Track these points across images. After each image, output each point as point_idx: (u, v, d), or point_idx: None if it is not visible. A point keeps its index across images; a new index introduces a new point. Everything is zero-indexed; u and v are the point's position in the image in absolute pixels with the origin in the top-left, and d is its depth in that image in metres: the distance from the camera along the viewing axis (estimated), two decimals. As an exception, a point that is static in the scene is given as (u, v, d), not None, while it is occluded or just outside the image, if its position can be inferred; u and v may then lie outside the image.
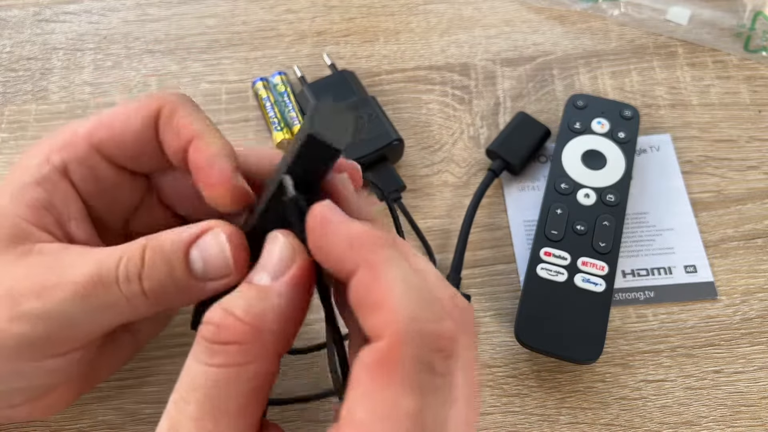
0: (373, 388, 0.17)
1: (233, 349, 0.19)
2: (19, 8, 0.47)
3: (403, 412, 0.17)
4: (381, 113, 0.40)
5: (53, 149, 0.25)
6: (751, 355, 0.34)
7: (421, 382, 0.17)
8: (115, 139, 0.25)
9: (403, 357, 0.17)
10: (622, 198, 0.37)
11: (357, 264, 0.19)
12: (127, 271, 0.22)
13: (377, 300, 0.18)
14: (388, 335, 0.17)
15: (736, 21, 0.44)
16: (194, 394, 0.19)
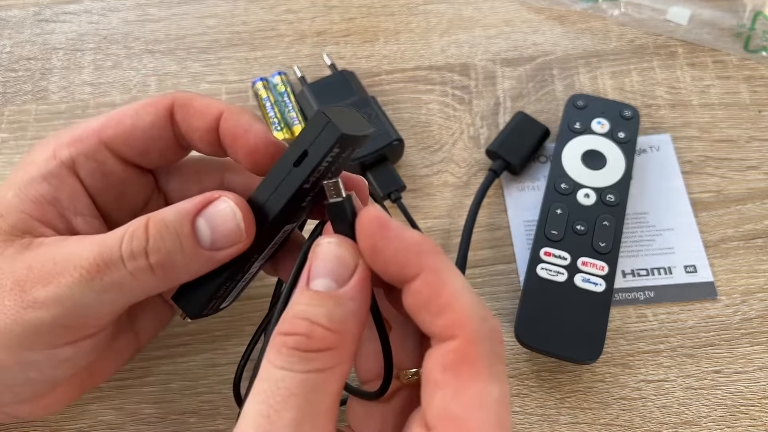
0: (462, 384, 0.19)
1: (327, 355, 0.20)
2: (19, 8, 0.47)
3: (494, 399, 0.19)
4: (381, 113, 0.40)
5: (61, 144, 0.25)
6: (751, 355, 0.34)
7: (498, 370, 0.20)
8: (124, 134, 0.26)
9: (481, 353, 0.19)
10: (622, 198, 0.37)
11: (420, 268, 0.20)
12: (132, 247, 0.22)
13: (446, 302, 0.20)
14: (464, 335, 0.19)
15: (736, 21, 0.44)
16: (293, 401, 0.19)
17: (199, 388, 0.34)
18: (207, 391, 0.34)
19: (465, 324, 0.20)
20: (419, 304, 0.20)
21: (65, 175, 0.25)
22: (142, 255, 0.22)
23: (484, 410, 0.19)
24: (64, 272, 0.22)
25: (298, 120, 0.41)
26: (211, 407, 0.33)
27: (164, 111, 0.26)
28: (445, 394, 0.19)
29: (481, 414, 0.19)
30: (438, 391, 0.19)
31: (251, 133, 0.25)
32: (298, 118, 0.41)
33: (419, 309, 0.20)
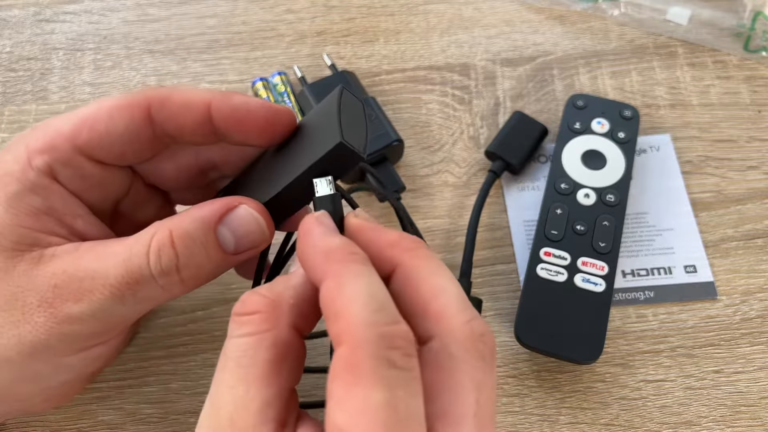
0: (345, 391, 0.18)
1: (255, 318, 0.21)
2: (19, 8, 0.47)
3: (375, 404, 0.18)
4: (381, 114, 0.40)
5: (33, 151, 0.25)
6: (751, 355, 0.34)
7: (384, 375, 0.18)
8: (99, 140, 0.25)
9: (363, 357, 0.18)
10: (622, 198, 0.37)
11: (325, 275, 0.20)
12: (162, 265, 0.23)
13: (338, 310, 0.19)
14: (348, 341, 0.19)
15: (736, 21, 0.44)
16: (228, 365, 0.21)
17: (199, 388, 0.34)
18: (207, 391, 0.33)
19: (350, 330, 0.19)
20: (323, 309, 0.20)
21: (49, 183, 0.25)
22: (174, 272, 0.23)
23: (366, 415, 0.18)
24: (94, 290, 0.23)
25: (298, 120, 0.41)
26: (211, 407, 0.33)
27: (140, 113, 0.25)
28: (331, 404, 0.19)
29: (363, 420, 0.18)
30: (328, 403, 0.19)
31: (254, 112, 0.25)
32: (297, 117, 0.41)
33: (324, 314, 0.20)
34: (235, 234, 0.24)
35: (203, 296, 0.36)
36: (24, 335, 0.23)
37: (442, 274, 0.21)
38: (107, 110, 0.25)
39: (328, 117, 0.23)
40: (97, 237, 0.26)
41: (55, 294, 0.23)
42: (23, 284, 0.23)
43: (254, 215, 0.24)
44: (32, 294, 0.23)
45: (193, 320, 0.36)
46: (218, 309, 0.36)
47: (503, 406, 0.33)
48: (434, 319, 0.20)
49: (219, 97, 0.25)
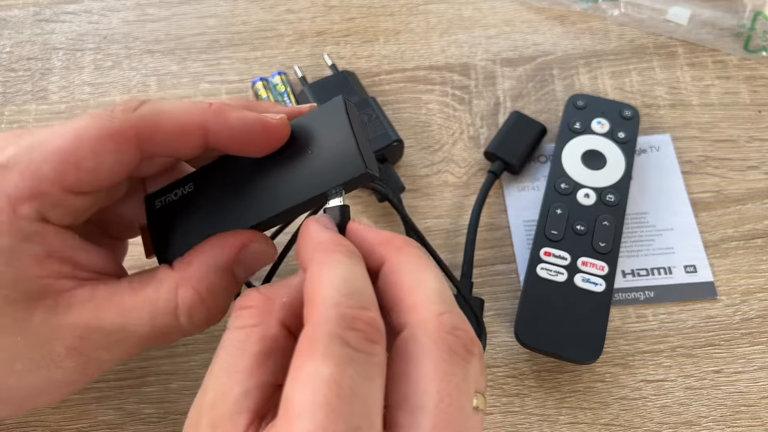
0: (297, 366, 0.19)
1: (247, 312, 0.22)
2: (19, 8, 0.47)
3: (320, 378, 0.18)
4: (381, 114, 0.39)
5: (18, 200, 0.23)
6: (751, 355, 0.34)
7: (336, 352, 0.19)
8: (88, 179, 0.23)
9: (319, 334, 0.19)
10: (622, 198, 0.37)
11: (310, 262, 0.22)
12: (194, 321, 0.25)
13: (312, 294, 0.20)
14: (311, 320, 0.20)
15: (736, 21, 0.44)
16: (219, 354, 0.22)
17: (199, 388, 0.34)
18: (207, 391, 0.34)
19: (316, 310, 0.20)
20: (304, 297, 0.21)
21: (42, 228, 0.23)
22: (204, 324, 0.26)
23: (309, 387, 0.18)
24: (123, 342, 0.25)
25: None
26: (211, 407, 0.33)
27: (128, 146, 0.24)
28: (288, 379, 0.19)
29: (306, 391, 0.18)
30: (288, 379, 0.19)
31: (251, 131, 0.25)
32: (298, 118, 0.41)
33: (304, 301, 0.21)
34: (248, 268, 0.26)
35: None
36: (56, 378, 0.24)
37: (425, 270, 0.22)
38: (91, 145, 0.23)
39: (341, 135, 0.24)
40: (100, 265, 0.26)
41: (83, 344, 0.24)
42: (45, 334, 0.23)
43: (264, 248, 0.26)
44: (58, 344, 0.24)
45: (193, 320, 0.36)
46: (218, 309, 0.36)
47: (503, 406, 0.33)
48: (407, 310, 0.21)
49: (214, 119, 0.24)
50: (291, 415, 0.18)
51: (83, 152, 0.23)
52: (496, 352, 0.35)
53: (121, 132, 0.23)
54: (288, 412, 0.18)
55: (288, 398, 0.18)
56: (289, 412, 0.18)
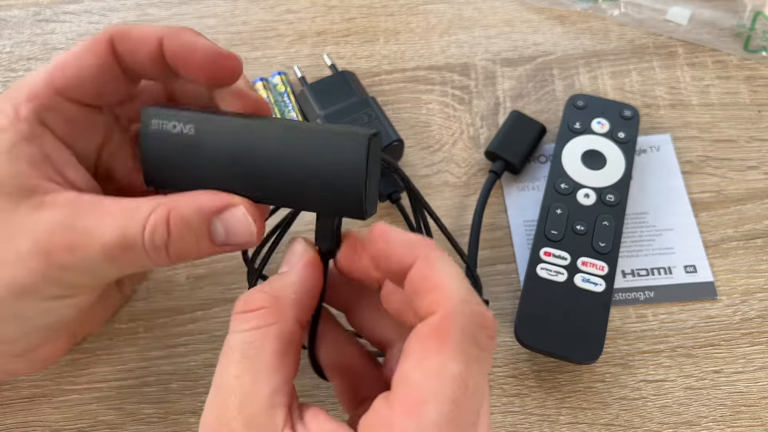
0: (426, 353, 0.20)
1: (261, 313, 0.23)
2: (19, 8, 0.47)
3: (451, 374, 0.19)
4: (381, 114, 0.39)
5: (18, 103, 0.26)
6: (751, 355, 0.34)
7: (466, 350, 0.20)
8: (74, 81, 0.26)
9: (453, 327, 0.20)
10: (622, 198, 0.37)
11: (415, 257, 0.22)
12: (154, 240, 0.25)
13: (433, 284, 0.21)
14: (442, 310, 0.20)
15: (736, 21, 0.44)
16: (232, 356, 0.22)
17: (199, 388, 0.34)
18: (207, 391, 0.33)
19: (444, 300, 0.21)
20: (413, 289, 0.22)
21: (42, 132, 0.26)
22: (162, 249, 0.25)
23: (440, 380, 0.19)
24: (87, 245, 0.24)
25: (298, 120, 0.41)
26: (211, 407, 0.33)
27: (105, 49, 0.26)
28: (408, 361, 0.20)
29: (435, 383, 0.19)
30: (404, 360, 0.20)
31: (198, 52, 0.26)
32: (297, 118, 0.41)
33: (413, 293, 0.22)
34: (227, 230, 0.25)
35: (203, 296, 0.36)
36: (16, 276, 0.25)
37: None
38: (75, 53, 0.26)
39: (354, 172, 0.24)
40: (86, 187, 0.27)
41: (50, 242, 0.24)
42: (20, 227, 0.25)
43: (249, 220, 0.25)
44: (28, 238, 0.24)
45: (193, 320, 0.36)
46: (218, 309, 0.36)
47: (503, 406, 0.33)
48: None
49: (171, 33, 0.26)
50: (416, 401, 0.19)
51: (68, 59, 0.26)
52: (496, 352, 0.35)
53: (97, 38, 0.26)
54: (412, 396, 0.19)
55: (414, 383, 0.20)
56: (414, 397, 0.19)
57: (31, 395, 0.34)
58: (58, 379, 0.34)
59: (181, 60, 0.26)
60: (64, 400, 0.34)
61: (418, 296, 0.22)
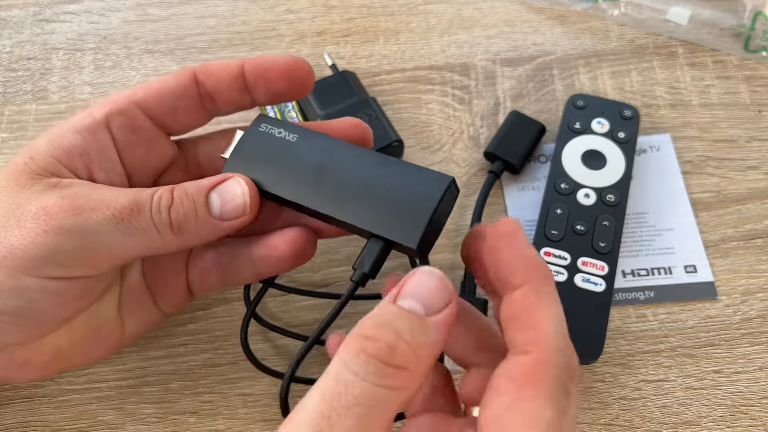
0: (521, 397, 0.20)
1: (404, 375, 0.20)
2: (19, 8, 0.47)
3: (545, 422, 0.19)
4: (381, 114, 0.39)
5: (97, 106, 0.28)
6: (751, 355, 0.34)
7: (559, 400, 0.20)
8: (154, 94, 0.29)
9: (548, 375, 0.20)
10: (622, 198, 0.37)
11: (525, 281, 0.21)
12: (160, 203, 0.26)
13: (534, 321, 0.21)
14: (538, 353, 0.20)
15: (736, 21, 0.44)
16: (356, 410, 0.19)
17: (199, 388, 0.34)
18: (207, 391, 0.34)
19: (542, 344, 0.20)
20: (512, 313, 0.21)
21: (98, 130, 0.28)
22: (166, 211, 0.26)
23: (531, 424, 0.19)
24: (97, 209, 0.25)
25: (298, 120, 0.41)
26: (211, 407, 0.33)
27: (188, 75, 0.29)
28: (501, 402, 0.20)
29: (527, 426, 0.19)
30: (496, 398, 0.20)
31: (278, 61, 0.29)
32: (297, 118, 0.41)
33: (510, 318, 0.21)
34: (222, 200, 0.27)
35: (203, 296, 0.36)
36: (9, 238, 0.24)
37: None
38: (161, 77, 0.29)
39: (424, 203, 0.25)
40: None
41: (57, 205, 0.25)
42: (32, 198, 0.25)
43: (242, 187, 0.27)
44: (35, 204, 0.25)
45: (193, 320, 0.36)
46: (218, 309, 0.36)
47: (503, 406, 0.33)
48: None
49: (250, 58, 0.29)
50: None
51: (154, 80, 0.29)
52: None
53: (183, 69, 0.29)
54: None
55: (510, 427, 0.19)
56: None
57: (31, 395, 0.34)
58: (58, 379, 0.34)
59: (261, 72, 0.29)
60: (64, 400, 0.34)
61: (515, 326, 0.21)
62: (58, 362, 0.29)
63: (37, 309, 0.26)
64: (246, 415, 0.33)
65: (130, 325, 0.31)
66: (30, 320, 0.26)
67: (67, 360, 0.30)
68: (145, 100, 0.29)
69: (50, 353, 0.29)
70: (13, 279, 0.25)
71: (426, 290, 0.22)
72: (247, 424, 0.33)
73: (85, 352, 0.30)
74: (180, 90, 0.29)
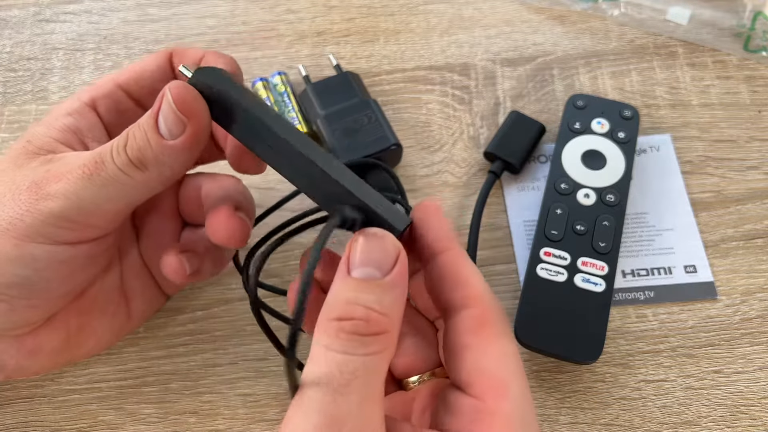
0: (487, 343, 0.23)
1: (384, 337, 0.22)
2: (19, 8, 0.47)
3: (512, 352, 0.23)
4: (381, 117, 0.39)
5: (84, 90, 0.30)
6: (751, 355, 0.34)
7: (508, 333, 0.23)
8: (135, 76, 0.31)
9: (497, 319, 0.23)
10: (622, 198, 0.37)
11: (449, 246, 0.24)
12: (117, 146, 0.26)
13: (465, 278, 0.24)
14: (482, 305, 0.23)
15: (736, 21, 0.44)
16: (356, 383, 0.20)
17: (199, 388, 0.34)
18: (207, 391, 0.34)
19: (482, 296, 0.23)
20: (442, 274, 0.24)
21: (86, 111, 0.30)
22: (123, 151, 0.26)
23: (509, 362, 0.22)
24: (71, 170, 0.26)
25: (298, 120, 0.41)
26: (211, 407, 0.33)
27: (165, 57, 0.31)
28: (473, 353, 0.23)
29: (506, 365, 0.22)
30: (467, 352, 0.23)
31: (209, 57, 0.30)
32: (297, 118, 0.41)
33: (441, 279, 0.24)
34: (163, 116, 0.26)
35: (203, 296, 0.36)
36: (7, 212, 0.26)
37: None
38: (141, 59, 0.31)
39: None
40: None
41: (44, 177, 0.26)
42: (28, 174, 0.27)
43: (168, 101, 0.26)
44: (29, 178, 0.26)
45: (193, 320, 0.36)
46: (218, 309, 0.36)
47: (503, 406, 0.33)
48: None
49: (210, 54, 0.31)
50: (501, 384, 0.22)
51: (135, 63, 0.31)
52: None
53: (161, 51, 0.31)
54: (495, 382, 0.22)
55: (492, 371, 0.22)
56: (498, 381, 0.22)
57: (31, 395, 0.34)
58: (59, 379, 0.34)
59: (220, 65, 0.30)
60: (65, 400, 0.34)
61: (449, 286, 0.24)
62: (68, 349, 0.30)
63: (45, 278, 0.27)
64: (246, 415, 0.33)
65: (135, 305, 0.33)
66: (39, 292, 0.27)
67: (78, 346, 0.31)
68: (128, 81, 0.31)
69: (60, 339, 0.30)
70: (18, 248, 0.26)
71: (375, 253, 0.22)
72: (247, 424, 0.33)
73: (95, 335, 0.31)
74: (159, 72, 0.31)
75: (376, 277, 0.22)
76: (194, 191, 0.32)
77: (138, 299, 0.33)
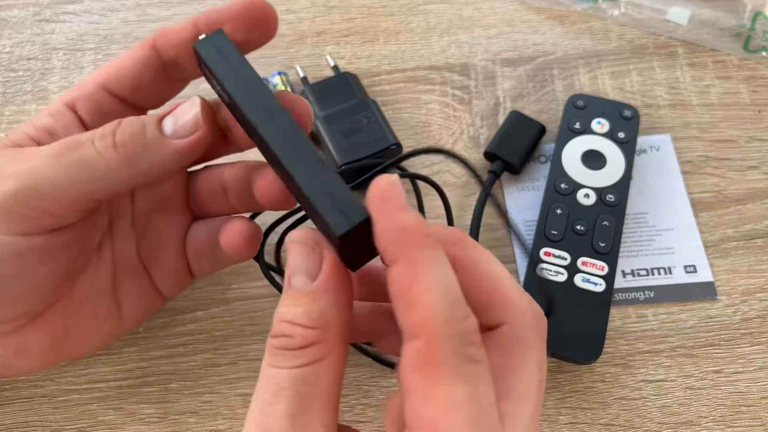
0: (427, 387, 0.19)
1: (311, 350, 0.21)
2: (19, 8, 0.47)
3: (461, 400, 0.18)
4: (380, 117, 0.39)
5: (68, 91, 0.29)
6: (751, 355, 0.34)
7: (466, 372, 0.19)
8: (117, 74, 0.29)
9: (445, 353, 0.19)
10: (622, 198, 0.37)
11: (398, 256, 0.20)
12: (103, 131, 0.26)
13: (413, 297, 0.19)
14: (425, 336, 0.19)
15: (736, 21, 0.44)
16: (284, 394, 0.20)
17: (198, 388, 0.34)
18: (207, 391, 0.34)
19: (428, 324, 0.19)
20: (392, 291, 0.20)
21: (65, 112, 0.29)
22: (111, 135, 0.25)
23: (453, 411, 0.18)
24: (39, 154, 0.26)
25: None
26: (211, 407, 0.33)
27: (146, 46, 0.28)
28: (414, 398, 0.19)
29: (448, 416, 0.18)
30: (409, 395, 0.19)
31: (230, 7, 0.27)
32: (298, 118, 0.41)
33: (392, 296, 0.20)
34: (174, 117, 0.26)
35: (203, 296, 0.36)
36: None
37: (495, 261, 0.22)
38: (124, 53, 0.29)
39: None
40: None
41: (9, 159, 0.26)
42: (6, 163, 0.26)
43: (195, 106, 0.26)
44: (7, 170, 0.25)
45: (193, 320, 0.36)
46: (218, 309, 0.36)
47: (503, 406, 0.33)
48: (501, 306, 0.21)
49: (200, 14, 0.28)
50: None
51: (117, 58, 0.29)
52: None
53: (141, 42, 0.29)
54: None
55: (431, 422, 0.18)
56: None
57: (31, 395, 0.34)
58: (58, 379, 0.34)
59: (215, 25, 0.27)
60: (65, 400, 0.34)
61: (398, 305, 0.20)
62: (57, 350, 0.29)
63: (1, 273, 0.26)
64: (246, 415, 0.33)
65: (128, 309, 0.31)
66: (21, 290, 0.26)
67: (67, 347, 0.29)
68: (109, 79, 0.29)
69: (47, 339, 0.29)
70: None
71: (300, 258, 0.22)
72: (247, 424, 0.33)
73: (84, 338, 0.30)
74: (139, 65, 0.28)
75: (306, 285, 0.21)
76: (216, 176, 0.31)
77: (132, 303, 0.31)
